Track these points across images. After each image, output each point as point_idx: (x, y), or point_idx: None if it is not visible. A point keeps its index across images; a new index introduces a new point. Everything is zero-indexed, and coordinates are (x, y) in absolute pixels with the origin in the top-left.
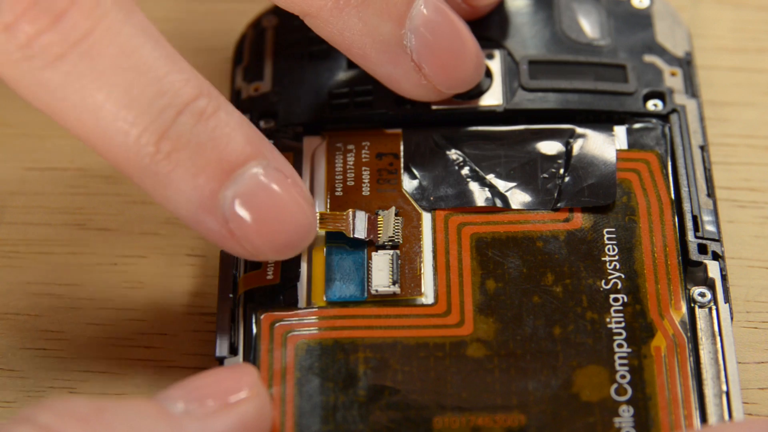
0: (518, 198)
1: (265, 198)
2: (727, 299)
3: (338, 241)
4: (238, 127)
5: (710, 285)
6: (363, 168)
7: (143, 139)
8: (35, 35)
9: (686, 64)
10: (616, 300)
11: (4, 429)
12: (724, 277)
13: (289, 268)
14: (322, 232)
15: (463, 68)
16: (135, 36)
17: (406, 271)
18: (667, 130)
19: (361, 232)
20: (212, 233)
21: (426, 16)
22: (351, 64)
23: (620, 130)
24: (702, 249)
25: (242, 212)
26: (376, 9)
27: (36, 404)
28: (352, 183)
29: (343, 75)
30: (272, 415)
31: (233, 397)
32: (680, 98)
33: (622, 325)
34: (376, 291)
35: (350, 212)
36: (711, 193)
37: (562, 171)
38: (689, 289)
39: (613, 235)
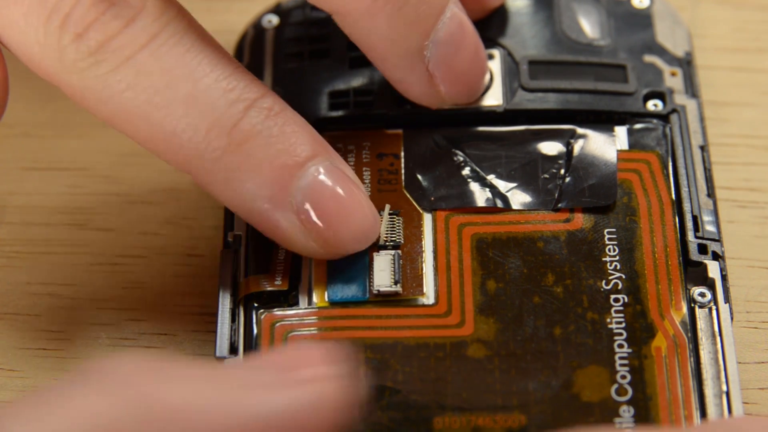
0: (519, 198)
1: (334, 193)
2: (727, 299)
3: None
4: (304, 126)
5: (710, 285)
6: (364, 168)
7: (213, 133)
8: (105, 41)
9: (686, 64)
10: (616, 300)
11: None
12: (724, 277)
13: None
14: None
15: (473, 82)
16: (198, 40)
17: (408, 272)
18: (667, 130)
19: None
20: (282, 230)
21: (450, 30)
22: (351, 64)
23: (621, 131)
24: (702, 249)
25: (311, 206)
26: (407, 20)
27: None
28: None
29: (343, 75)
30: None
31: (310, 372)
32: (680, 98)
33: (623, 325)
34: (378, 291)
35: None
36: (711, 193)
37: (562, 171)
38: (689, 289)
39: (614, 236)
